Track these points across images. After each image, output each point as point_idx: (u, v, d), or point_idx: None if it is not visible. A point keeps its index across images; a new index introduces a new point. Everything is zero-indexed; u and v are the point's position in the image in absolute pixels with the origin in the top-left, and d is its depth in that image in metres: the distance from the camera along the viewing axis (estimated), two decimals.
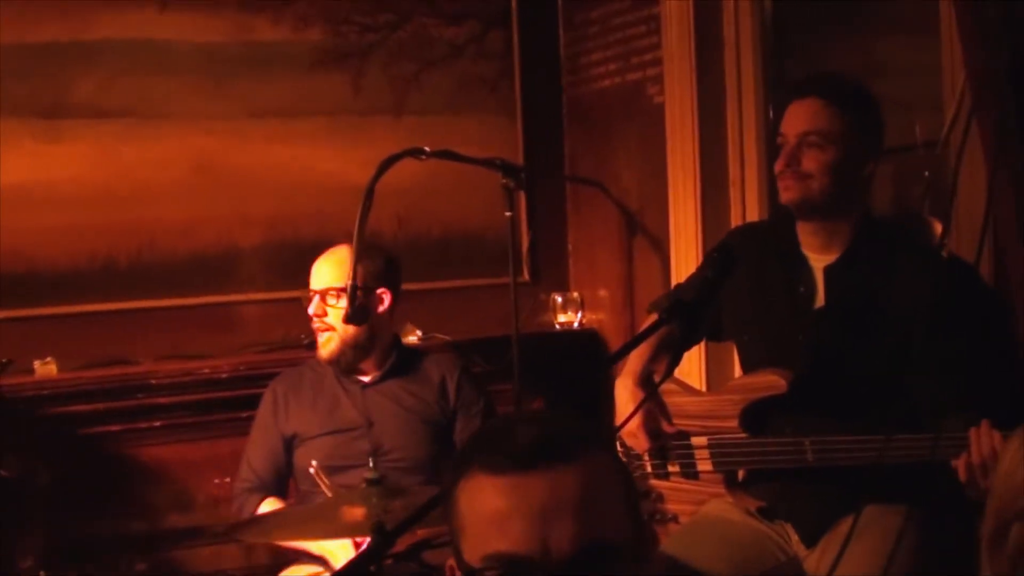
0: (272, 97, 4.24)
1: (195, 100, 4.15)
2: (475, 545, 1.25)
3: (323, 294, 3.20)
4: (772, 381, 2.63)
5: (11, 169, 3.92)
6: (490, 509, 1.24)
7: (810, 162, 2.60)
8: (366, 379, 3.28)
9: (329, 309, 3.19)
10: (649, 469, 2.85)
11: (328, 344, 3.21)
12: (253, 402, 3.40)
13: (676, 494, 2.83)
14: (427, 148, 3.36)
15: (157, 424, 3.87)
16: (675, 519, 2.82)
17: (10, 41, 3.93)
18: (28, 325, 3.93)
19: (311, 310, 3.22)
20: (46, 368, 3.88)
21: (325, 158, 4.29)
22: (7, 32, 3.93)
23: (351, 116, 4.34)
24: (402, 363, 3.32)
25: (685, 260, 3.94)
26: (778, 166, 2.65)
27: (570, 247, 4.67)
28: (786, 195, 2.64)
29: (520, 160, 4.46)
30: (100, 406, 3.80)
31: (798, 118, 2.64)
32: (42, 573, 3.45)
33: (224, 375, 3.91)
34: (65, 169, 3.99)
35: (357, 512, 2.41)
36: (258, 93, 4.22)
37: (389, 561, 2.24)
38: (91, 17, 4.02)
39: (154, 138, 4.09)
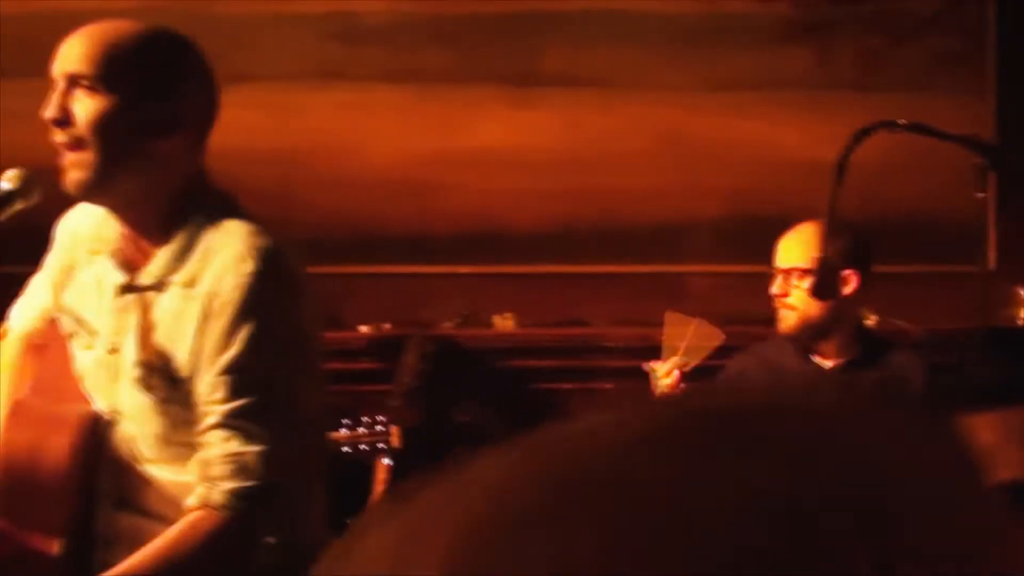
0: (737, 69, 4.22)
1: (661, 71, 4.20)
2: None
3: (786, 273, 3.13)
4: None
5: (484, 133, 4.13)
6: (985, 443, 1.32)
7: None
8: (828, 364, 3.20)
9: (792, 289, 3.12)
10: None
11: (787, 319, 3.15)
12: (702, 373, 3.40)
13: None
14: (901, 121, 3.20)
15: (607, 386, 3.97)
16: None
17: (488, 11, 4.13)
18: (491, 281, 4.14)
19: (774, 288, 3.17)
20: (504, 322, 4.07)
21: (787, 133, 4.23)
22: (483, 2, 4.13)
23: (815, 90, 4.25)
24: (867, 354, 3.18)
25: None
26: None
27: None
28: None
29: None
30: (554, 363, 3.95)
31: None
32: None
33: None
34: (535, 135, 4.16)
35: None
36: (723, 65, 4.22)
37: None
38: None
39: (620, 108, 4.18)
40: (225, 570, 1.95)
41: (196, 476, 1.93)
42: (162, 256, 1.98)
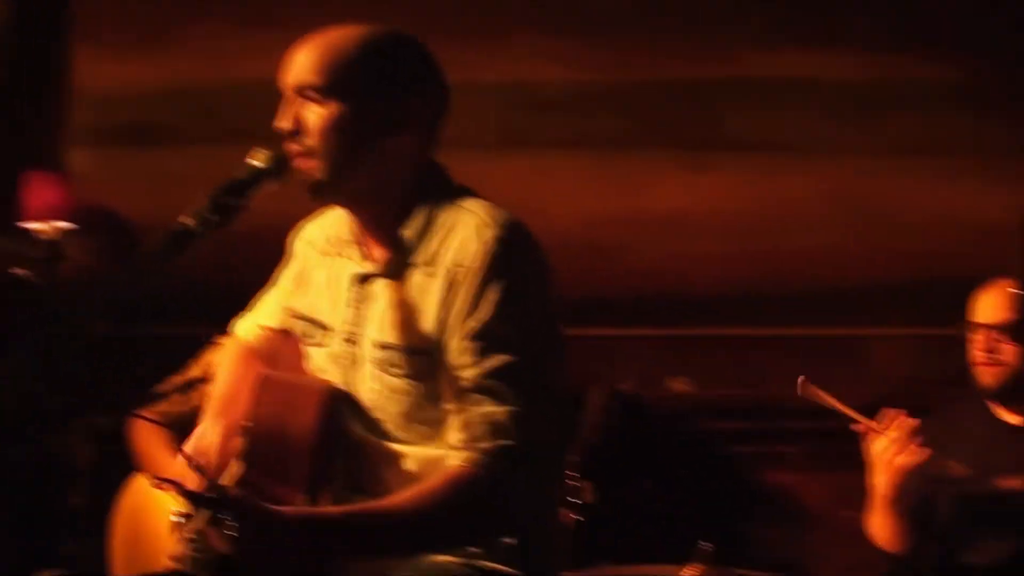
0: (910, 134, 4.24)
1: (836, 136, 4.23)
2: None
3: (990, 328, 3.18)
4: None
5: (662, 197, 4.21)
6: None
7: None
8: (1014, 421, 3.23)
9: (998, 344, 3.18)
10: None
11: (993, 376, 3.20)
12: None
13: None
14: None
15: (787, 450, 3.99)
16: None
17: (665, 79, 4.23)
18: (667, 344, 4.19)
19: (978, 345, 3.21)
20: (680, 386, 4.11)
21: (958, 197, 4.22)
22: (660, 70, 4.22)
23: (985, 155, 4.24)
24: None
25: None
26: None
27: None
28: None
29: None
30: (736, 425, 3.98)
31: None
32: None
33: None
34: (712, 199, 4.22)
35: None
36: (896, 129, 4.24)
37: None
38: (743, 56, 4.24)
39: (796, 172, 4.22)
40: (474, 532, 1.93)
41: (451, 441, 1.91)
42: (399, 242, 2.01)
